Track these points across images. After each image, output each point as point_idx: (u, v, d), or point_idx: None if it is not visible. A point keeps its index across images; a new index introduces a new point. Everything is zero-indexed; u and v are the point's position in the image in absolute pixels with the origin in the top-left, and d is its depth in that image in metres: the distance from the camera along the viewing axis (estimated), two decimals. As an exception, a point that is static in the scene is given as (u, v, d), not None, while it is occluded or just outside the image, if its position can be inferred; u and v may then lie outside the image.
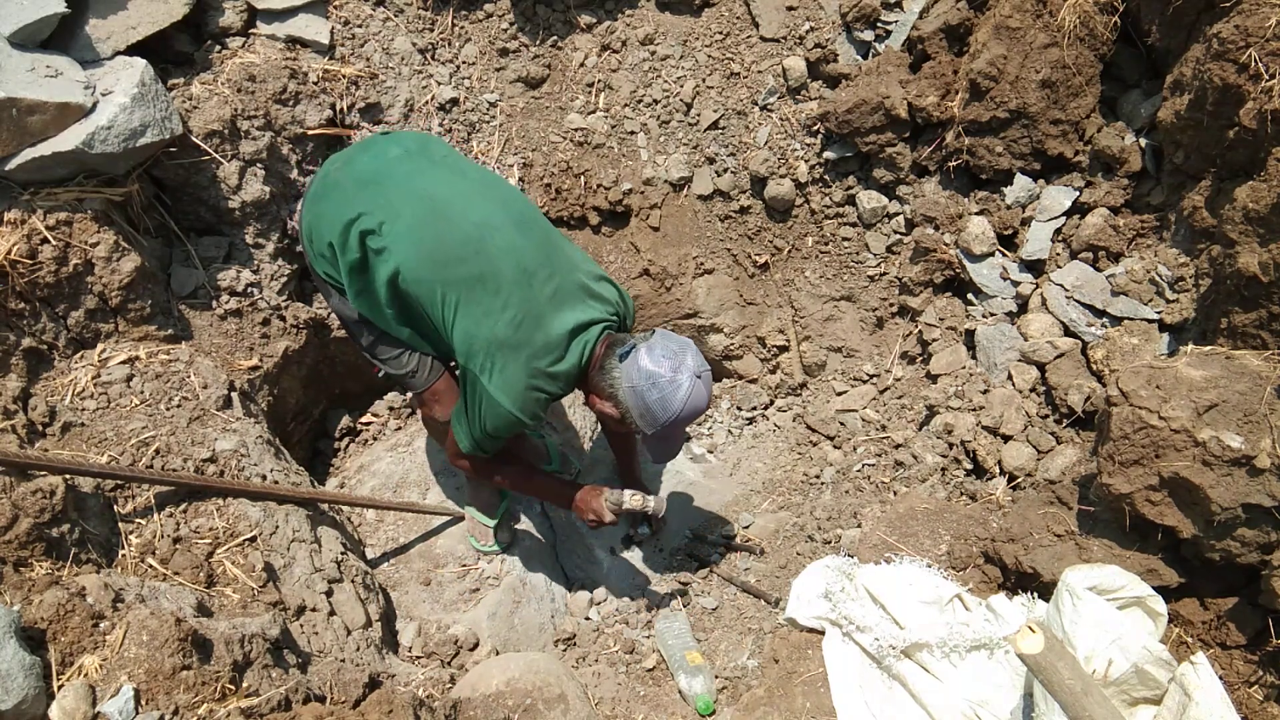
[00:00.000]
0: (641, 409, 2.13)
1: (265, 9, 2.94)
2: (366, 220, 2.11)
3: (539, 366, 2.11)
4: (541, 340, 2.10)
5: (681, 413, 2.12)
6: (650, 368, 2.09)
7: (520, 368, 2.10)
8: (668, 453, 2.41)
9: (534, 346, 2.10)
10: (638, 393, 2.11)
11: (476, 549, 2.87)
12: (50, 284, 2.31)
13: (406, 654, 2.54)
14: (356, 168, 2.21)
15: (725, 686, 2.39)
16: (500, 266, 2.08)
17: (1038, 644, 1.55)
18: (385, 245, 2.10)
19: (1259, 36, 2.08)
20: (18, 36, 2.34)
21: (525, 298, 2.08)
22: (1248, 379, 1.85)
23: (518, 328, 2.08)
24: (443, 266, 2.09)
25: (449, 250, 2.09)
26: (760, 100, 3.20)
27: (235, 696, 1.58)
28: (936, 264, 2.95)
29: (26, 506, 1.76)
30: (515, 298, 2.07)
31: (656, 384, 2.09)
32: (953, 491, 2.58)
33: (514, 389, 2.11)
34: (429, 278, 2.11)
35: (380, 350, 2.37)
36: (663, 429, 2.16)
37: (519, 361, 2.10)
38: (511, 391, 2.11)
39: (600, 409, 2.26)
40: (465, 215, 2.12)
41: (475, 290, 2.08)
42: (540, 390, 2.15)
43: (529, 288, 2.09)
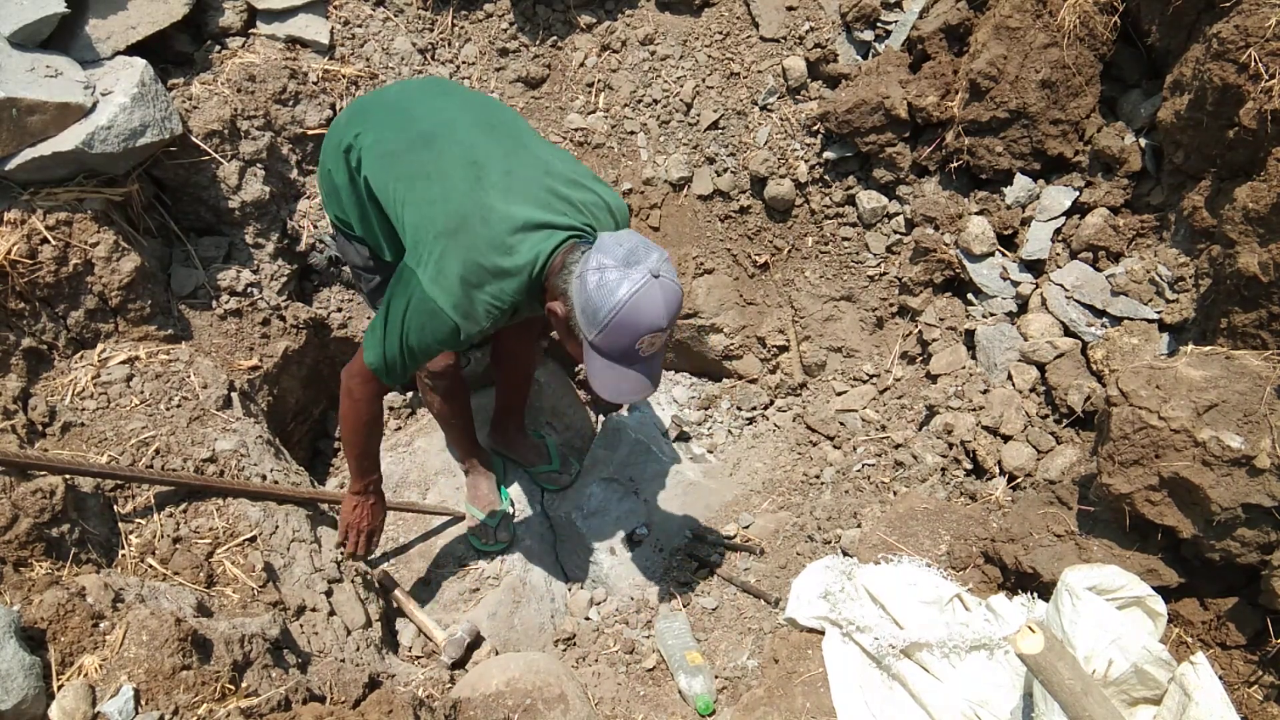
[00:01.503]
0: (584, 301, 1.79)
1: (265, 9, 2.94)
2: (350, 138, 2.10)
3: (480, 261, 1.85)
4: (484, 233, 1.85)
5: (622, 309, 1.75)
6: (602, 257, 1.78)
7: (458, 259, 1.85)
8: (611, 385, 1.90)
9: (474, 237, 1.85)
10: (583, 280, 1.79)
11: (478, 549, 2.87)
12: (50, 284, 2.31)
13: (406, 654, 2.54)
14: (358, 103, 2.28)
15: (725, 686, 2.39)
16: (447, 160, 1.94)
17: (1038, 644, 1.55)
18: (360, 155, 2.07)
19: (1259, 36, 2.08)
20: (18, 36, 2.34)
21: (471, 190, 1.89)
22: (1248, 379, 1.85)
23: (460, 219, 1.87)
24: (393, 161, 1.99)
25: (400, 146, 2.00)
26: (760, 100, 3.20)
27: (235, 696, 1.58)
28: (936, 264, 2.95)
29: (26, 506, 1.76)
30: (460, 189, 1.90)
31: (603, 270, 1.76)
32: (953, 491, 2.58)
33: (450, 283, 1.85)
34: (382, 176, 2.01)
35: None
36: (604, 331, 1.79)
37: (457, 252, 1.85)
38: (447, 285, 1.85)
39: (549, 309, 1.93)
40: (427, 117, 2.05)
41: (418, 183, 1.94)
42: (482, 291, 1.86)
43: (476, 181, 1.90)
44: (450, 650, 2.46)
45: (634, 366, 1.86)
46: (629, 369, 1.86)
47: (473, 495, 2.91)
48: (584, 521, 3.04)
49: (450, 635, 2.51)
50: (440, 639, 2.53)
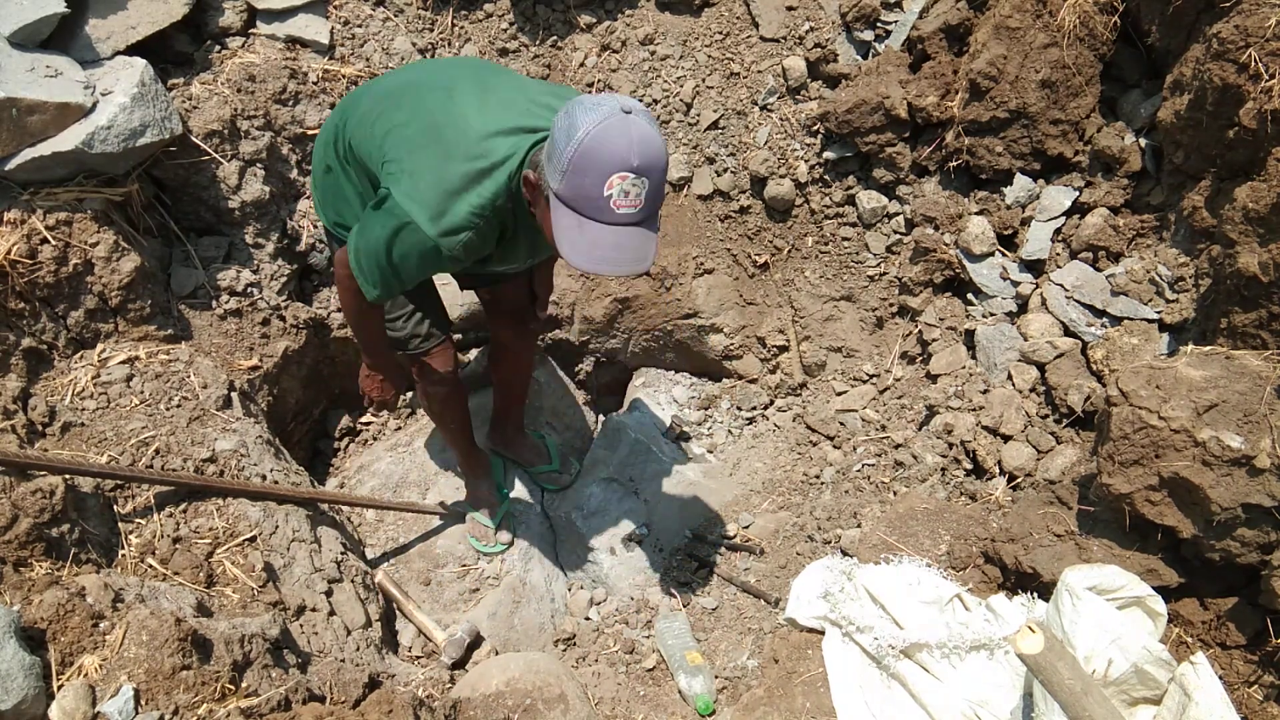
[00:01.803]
0: (549, 148, 1.62)
1: (265, 9, 2.94)
2: (336, 128, 2.09)
3: (456, 166, 1.73)
4: (458, 139, 1.75)
5: (584, 142, 1.54)
6: (571, 105, 1.62)
7: (433, 168, 1.74)
8: (583, 249, 1.63)
9: (448, 144, 1.76)
10: (551, 131, 1.64)
11: (478, 550, 2.88)
12: (50, 284, 2.31)
13: (406, 654, 2.54)
14: (341, 101, 2.26)
15: (725, 686, 2.39)
16: (423, 91, 1.88)
17: (1037, 644, 1.55)
18: (347, 137, 2.03)
19: (1259, 36, 2.08)
20: (18, 36, 2.34)
21: (443, 104, 1.81)
22: (1248, 379, 1.85)
23: (434, 130, 1.78)
24: (372, 119, 1.93)
25: (378, 105, 1.95)
26: (760, 100, 3.20)
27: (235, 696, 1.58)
28: (936, 264, 2.95)
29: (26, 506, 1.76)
30: (432, 106, 1.82)
31: (571, 114, 1.59)
32: (953, 491, 2.58)
33: (425, 194, 1.73)
34: (364, 137, 1.94)
35: (388, 307, 2.26)
36: (567, 174, 1.57)
37: (431, 161, 1.75)
38: (422, 197, 1.73)
39: (524, 178, 1.74)
40: (403, 76, 2.04)
41: (393, 114, 1.88)
42: (461, 200, 1.73)
43: (448, 97, 1.82)
44: (450, 650, 2.46)
45: (607, 222, 1.59)
46: (601, 225, 1.59)
47: (472, 498, 2.91)
48: (584, 521, 3.04)
49: (450, 635, 2.51)
50: (440, 639, 2.53)
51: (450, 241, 1.76)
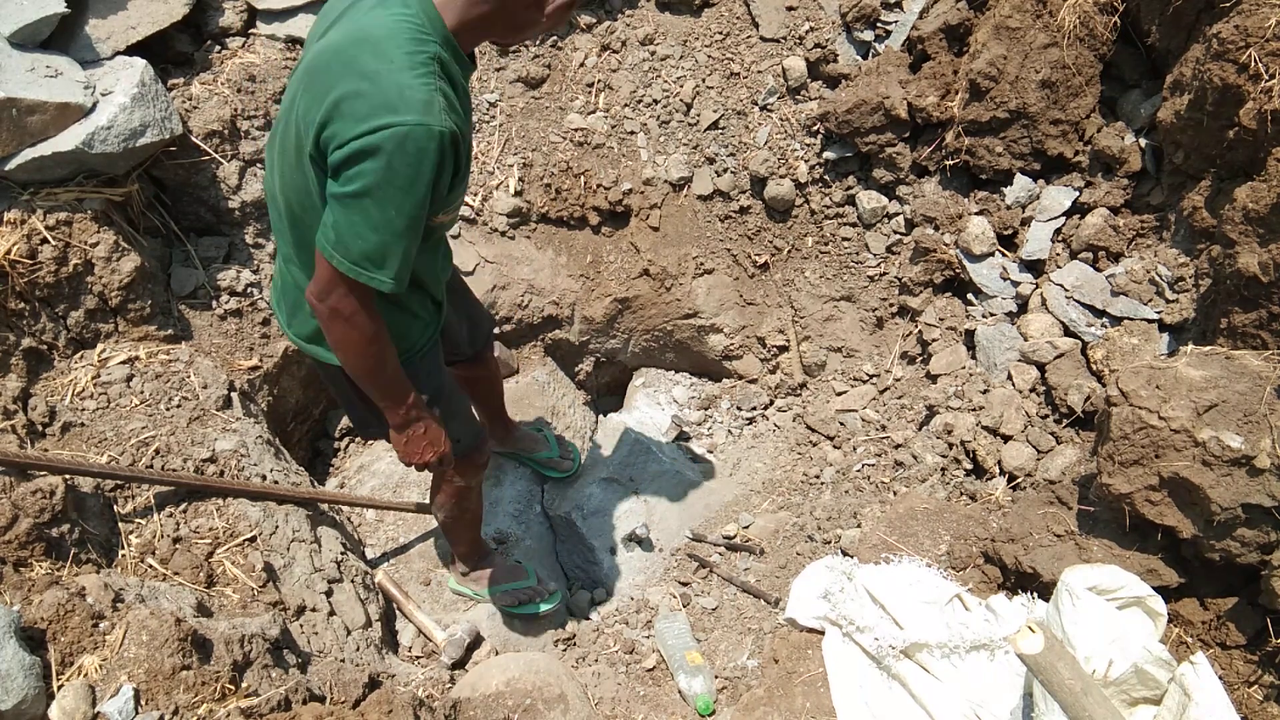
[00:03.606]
0: None
1: (265, 9, 2.94)
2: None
3: (384, 61, 1.50)
4: (365, 50, 1.52)
5: None
6: None
7: (380, 83, 1.49)
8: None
9: (365, 61, 1.51)
10: None
11: (539, 611, 2.67)
12: (50, 284, 2.31)
13: (406, 654, 2.54)
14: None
15: (725, 686, 2.39)
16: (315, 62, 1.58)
17: (1037, 644, 1.55)
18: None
19: (1259, 36, 2.08)
20: (18, 36, 2.34)
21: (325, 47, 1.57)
22: (1248, 379, 1.85)
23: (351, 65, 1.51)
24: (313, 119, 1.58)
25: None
26: (760, 100, 3.20)
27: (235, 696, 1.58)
28: (936, 264, 2.95)
29: (26, 506, 1.76)
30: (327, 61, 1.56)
31: None
32: (953, 491, 2.58)
33: (389, 99, 1.48)
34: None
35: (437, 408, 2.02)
36: None
37: (369, 82, 1.49)
38: (396, 104, 1.48)
39: (553, 13, 1.64)
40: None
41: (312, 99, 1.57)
42: (427, 72, 1.54)
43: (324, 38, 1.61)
44: (450, 650, 2.46)
45: None
46: None
47: (492, 576, 2.69)
48: (584, 521, 3.04)
49: (450, 635, 2.51)
50: (440, 639, 2.52)
51: (437, 118, 1.51)
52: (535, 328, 3.45)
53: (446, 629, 2.57)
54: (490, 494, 3.07)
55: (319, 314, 1.71)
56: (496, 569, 2.69)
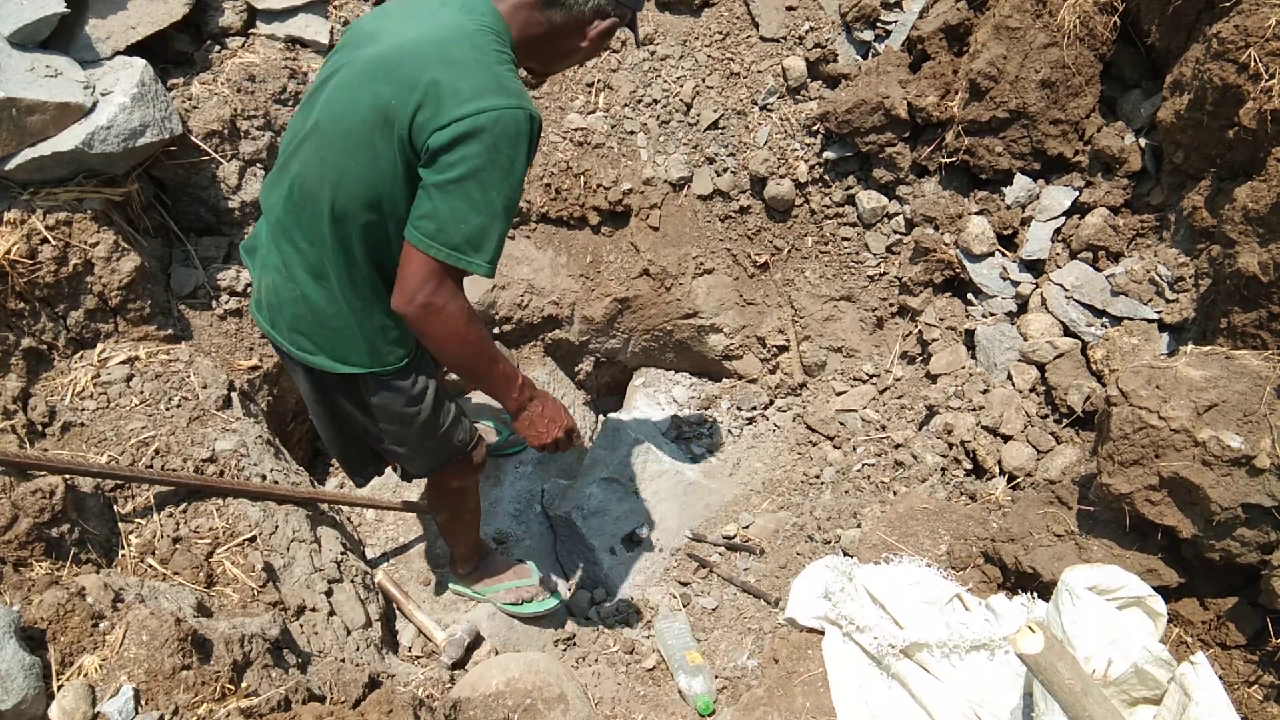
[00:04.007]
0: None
1: (265, 9, 2.94)
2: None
3: (474, 52, 1.62)
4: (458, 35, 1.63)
5: None
6: None
7: (475, 72, 1.59)
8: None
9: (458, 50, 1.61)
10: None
11: (539, 612, 2.65)
12: (50, 284, 2.31)
13: (406, 654, 2.54)
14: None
15: (725, 686, 2.39)
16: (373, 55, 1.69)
17: (1037, 644, 1.55)
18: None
19: (1259, 36, 2.08)
20: (18, 36, 2.34)
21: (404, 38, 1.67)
22: (1248, 379, 1.85)
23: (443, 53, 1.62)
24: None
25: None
26: (760, 100, 3.20)
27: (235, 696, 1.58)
28: (936, 264, 2.95)
29: (26, 506, 1.76)
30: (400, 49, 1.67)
31: None
32: (953, 491, 2.58)
33: (510, 85, 1.60)
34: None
35: (430, 429, 2.03)
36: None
37: (469, 71, 1.59)
38: (489, 89, 1.57)
39: (595, 38, 1.78)
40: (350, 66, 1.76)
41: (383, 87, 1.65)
42: (514, 70, 1.68)
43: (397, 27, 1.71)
44: (450, 650, 2.46)
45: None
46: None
47: (495, 576, 2.67)
48: (584, 521, 3.04)
49: (450, 635, 2.51)
50: (440, 639, 2.52)
51: (530, 103, 1.63)
52: (535, 328, 3.45)
53: (446, 629, 2.57)
54: (490, 494, 3.07)
55: (413, 319, 1.68)
56: (497, 568, 2.69)
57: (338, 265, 1.78)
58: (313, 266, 1.81)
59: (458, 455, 2.18)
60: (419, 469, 2.21)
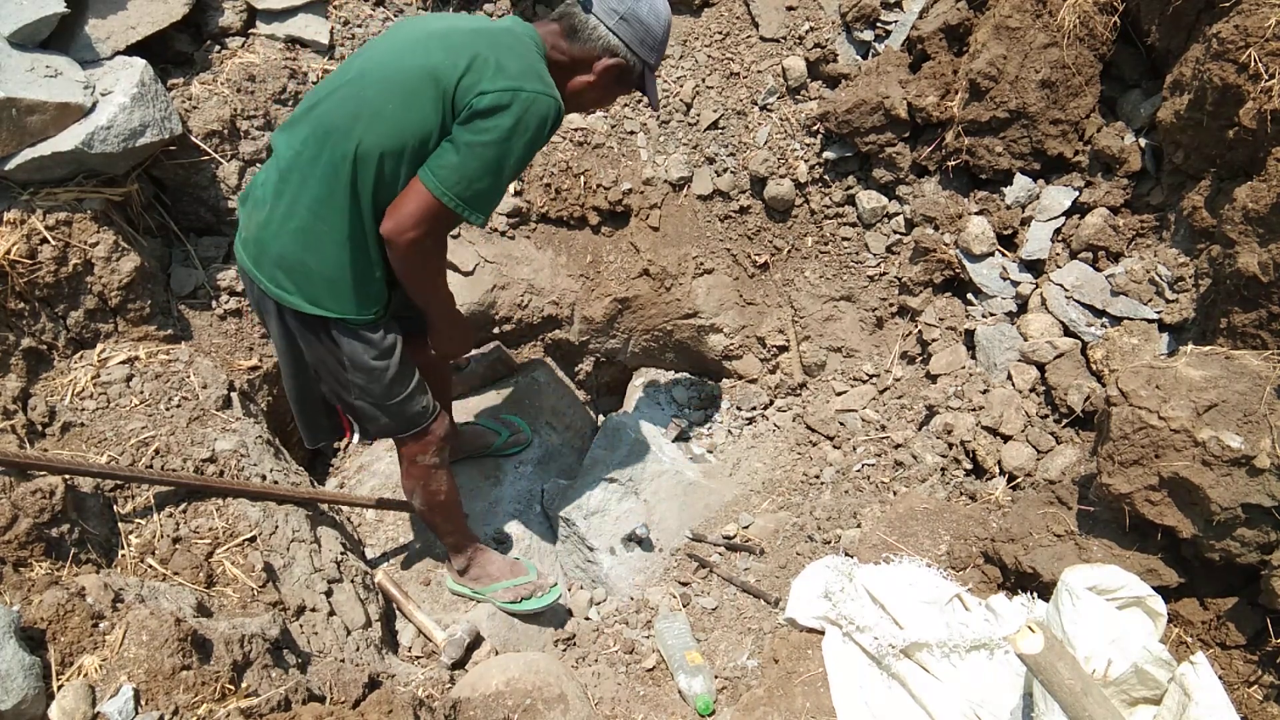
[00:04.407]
0: (642, 34, 1.96)
1: (265, 9, 2.94)
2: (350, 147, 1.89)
3: (518, 47, 1.88)
4: (507, 32, 1.91)
5: (664, 12, 1.99)
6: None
7: (516, 59, 1.84)
8: (656, 85, 2.13)
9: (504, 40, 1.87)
10: (630, 18, 1.94)
11: (540, 607, 2.66)
12: (50, 284, 2.31)
13: (406, 654, 2.54)
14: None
15: (725, 686, 2.39)
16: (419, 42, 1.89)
17: (1037, 644, 1.55)
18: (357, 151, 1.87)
19: (1259, 36, 2.08)
20: (17, 36, 2.34)
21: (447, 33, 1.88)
22: (1248, 379, 1.85)
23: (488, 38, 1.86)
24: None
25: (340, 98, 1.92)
26: (760, 100, 3.20)
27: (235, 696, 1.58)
28: (936, 264, 2.95)
29: (26, 506, 1.76)
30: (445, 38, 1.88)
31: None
32: (952, 491, 2.58)
33: (531, 71, 1.83)
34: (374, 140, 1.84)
35: (396, 389, 2.13)
36: (660, 46, 2.02)
37: (510, 55, 1.84)
38: (534, 76, 1.83)
39: (602, 69, 1.98)
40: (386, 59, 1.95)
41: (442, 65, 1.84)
42: (537, 64, 1.89)
43: (442, 28, 1.91)
44: (450, 650, 2.46)
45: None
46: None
47: (488, 573, 2.68)
48: (584, 521, 3.03)
49: (450, 635, 2.51)
50: (440, 639, 2.52)
51: (558, 94, 1.87)
52: (535, 328, 3.45)
53: (446, 629, 2.57)
54: (490, 494, 3.08)
55: (398, 246, 1.87)
56: (494, 566, 2.68)
57: (343, 206, 1.87)
58: (317, 204, 1.88)
59: (417, 423, 2.23)
60: (379, 429, 2.25)
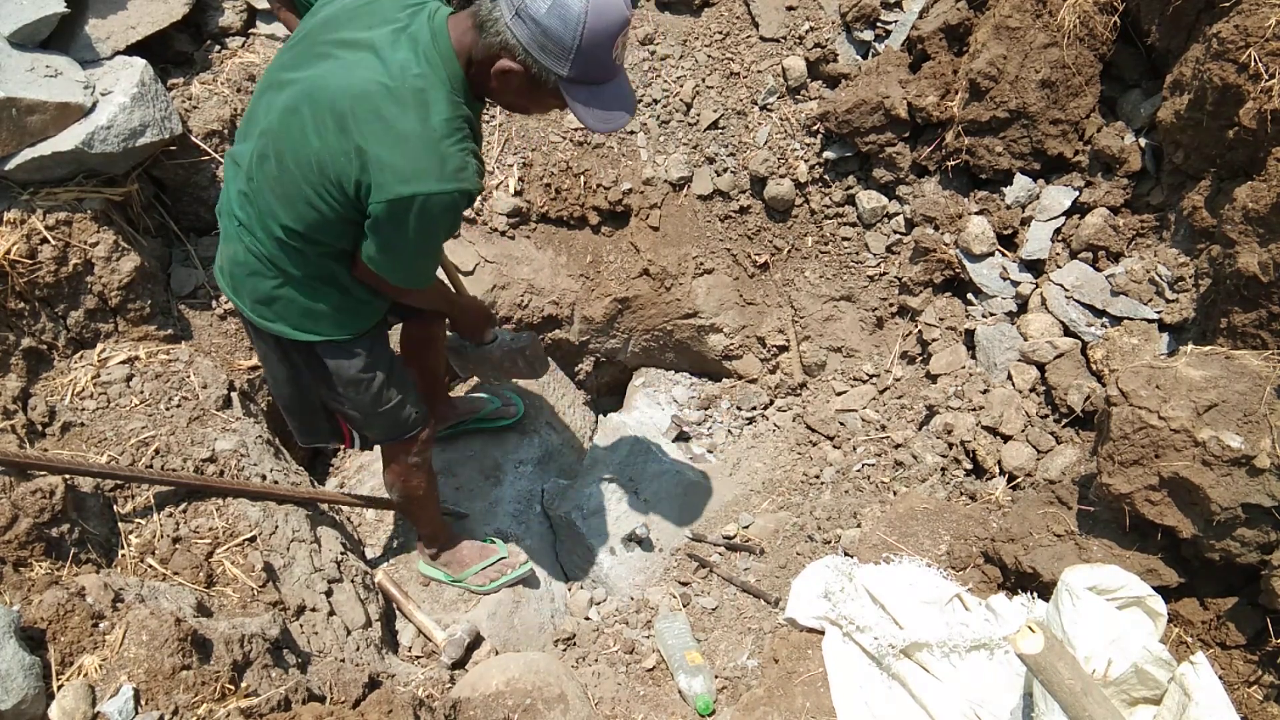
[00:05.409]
0: (540, 37, 1.56)
1: (265, 9, 2.94)
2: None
3: (423, 121, 1.62)
4: (395, 97, 1.61)
5: (587, 20, 1.54)
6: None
7: (409, 141, 1.61)
8: (602, 116, 1.69)
9: (391, 108, 1.61)
10: (524, 16, 1.55)
11: (510, 582, 2.73)
12: (50, 284, 2.31)
13: (406, 654, 2.54)
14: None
15: (725, 686, 2.39)
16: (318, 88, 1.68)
17: (1037, 644, 1.55)
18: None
19: (1259, 36, 2.08)
20: (18, 36, 2.34)
21: (350, 79, 1.65)
22: (1248, 379, 1.85)
23: (371, 108, 1.62)
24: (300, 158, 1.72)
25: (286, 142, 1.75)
26: (760, 100, 3.20)
27: (235, 696, 1.58)
28: (936, 264, 2.95)
29: (26, 506, 1.76)
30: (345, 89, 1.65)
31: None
32: (952, 491, 2.58)
33: (421, 164, 1.62)
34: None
35: (386, 396, 2.16)
36: (577, 55, 1.58)
37: (400, 140, 1.61)
38: (422, 170, 1.62)
39: (499, 70, 1.64)
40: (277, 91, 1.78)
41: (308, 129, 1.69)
42: (463, 136, 1.67)
43: (345, 69, 1.66)
44: (450, 650, 2.46)
45: (615, 80, 1.67)
46: (611, 82, 1.67)
47: (460, 558, 2.72)
48: (584, 521, 3.03)
49: (450, 635, 2.51)
50: (440, 639, 2.52)
51: (471, 181, 1.68)
52: (535, 327, 3.45)
53: (446, 629, 2.57)
54: (490, 494, 3.08)
55: (388, 295, 2.06)
56: (466, 552, 2.73)
57: (293, 261, 1.90)
58: (268, 252, 1.90)
59: (408, 430, 2.29)
60: (376, 435, 2.31)
